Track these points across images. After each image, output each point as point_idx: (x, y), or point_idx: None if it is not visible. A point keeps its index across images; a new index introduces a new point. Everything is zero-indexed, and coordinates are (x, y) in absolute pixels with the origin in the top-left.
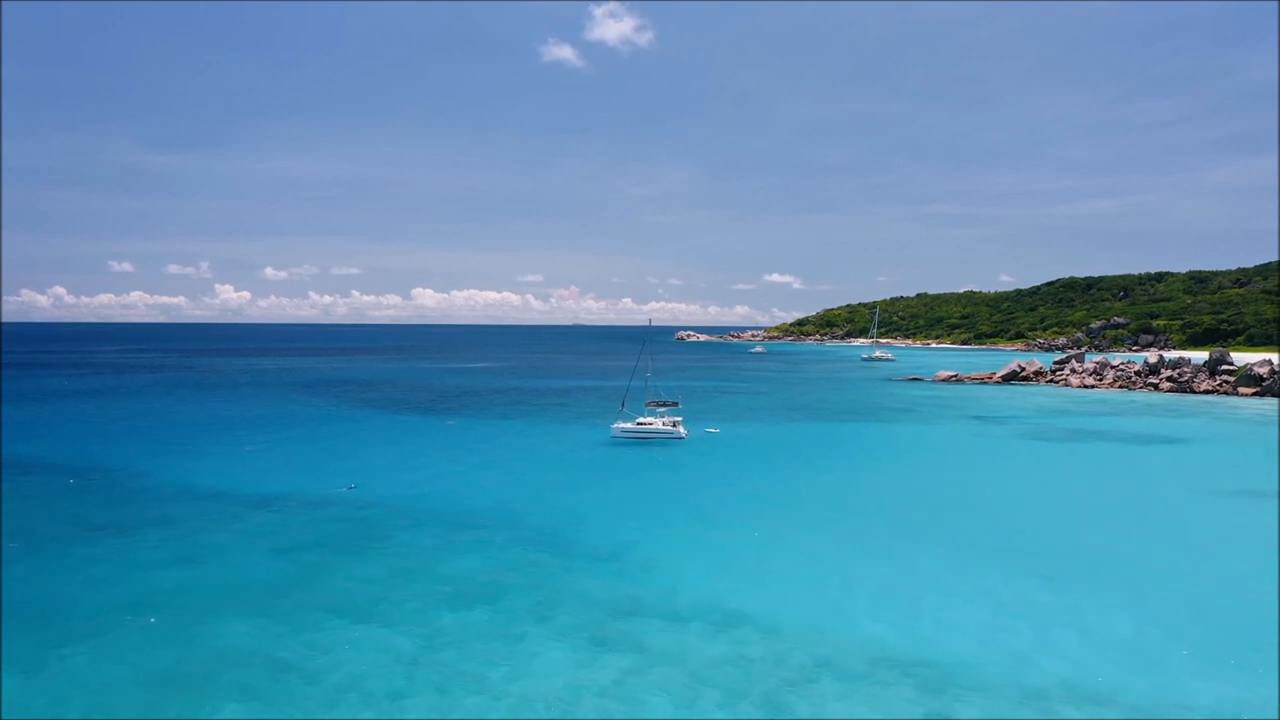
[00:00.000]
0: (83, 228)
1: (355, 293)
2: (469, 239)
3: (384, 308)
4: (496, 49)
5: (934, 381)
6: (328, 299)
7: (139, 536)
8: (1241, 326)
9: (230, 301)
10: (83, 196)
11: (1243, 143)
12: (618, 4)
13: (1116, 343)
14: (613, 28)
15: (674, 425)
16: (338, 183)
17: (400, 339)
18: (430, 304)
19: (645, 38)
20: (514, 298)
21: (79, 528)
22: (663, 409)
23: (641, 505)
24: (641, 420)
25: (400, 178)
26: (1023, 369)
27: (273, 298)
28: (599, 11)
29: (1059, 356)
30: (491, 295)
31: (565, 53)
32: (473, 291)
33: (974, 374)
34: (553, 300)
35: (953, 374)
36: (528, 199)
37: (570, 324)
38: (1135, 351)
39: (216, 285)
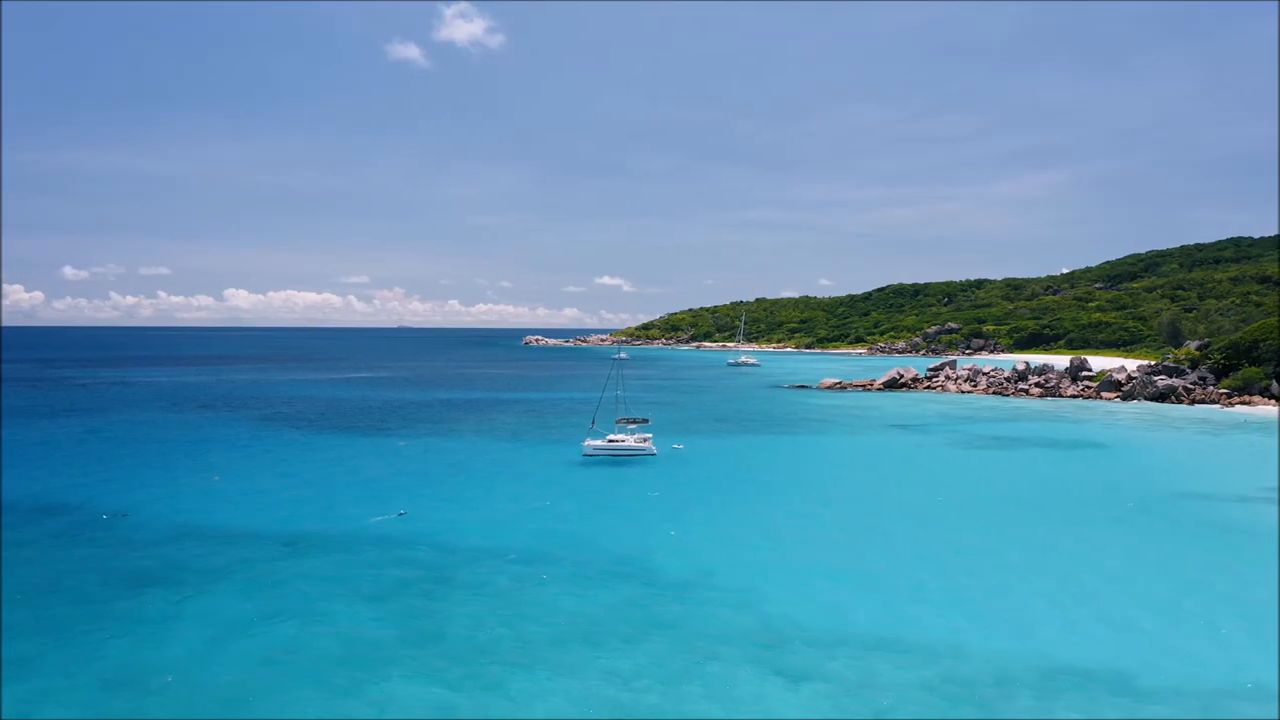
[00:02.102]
0: None
1: (163, 293)
2: (289, 237)
3: (194, 309)
4: (338, 46)
5: (822, 389)
6: (131, 300)
7: (197, 589)
8: (1061, 331)
9: (20, 303)
10: None
11: (1027, 158)
12: (469, 4)
13: (951, 346)
14: (462, 28)
15: (644, 442)
16: (146, 177)
17: (240, 346)
18: (245, 305)
19: (496, 40)
20: (335, 299)
21: (117, 581)
22: (633, 426)
23: (691, 526)
24: (612, 437)
25: (218, 174)
26: (901, 376)
27: (69, 299)
28: (449, 12)
29: (932, 363)
30: (311, 296)
31: (411, 52)
32: (291, 292)
33: (856, 381)
34: (376, 302)
35: (836, 381)
36: (351, 198)
37: (395, 326)
38: (968, 355)
39: (5, 285)
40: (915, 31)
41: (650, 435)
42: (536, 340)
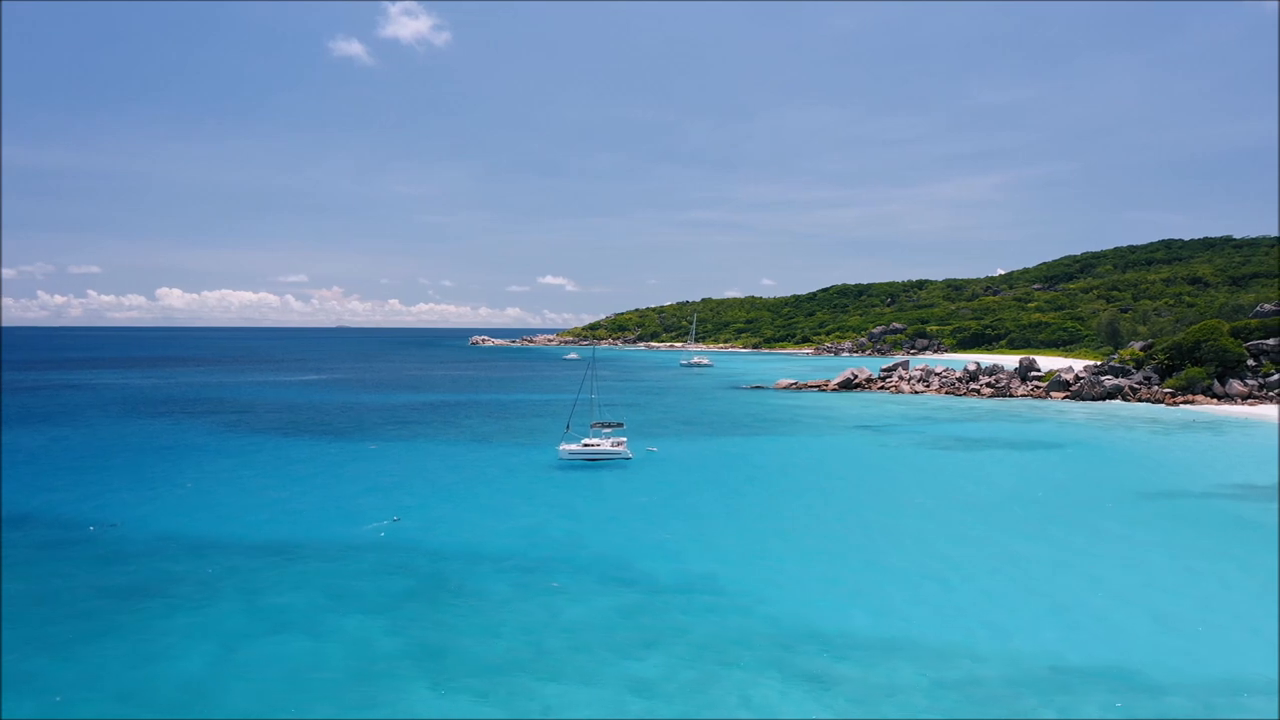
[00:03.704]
0: None
1: (93, 293)
2: (225, 235)
3: (125, 309)
4: (280, 43)
5: (778, 389)
6: (59, 299)
7: (197, 601)
8: (1002, 331)
9: None
10: None
11: (966, 161)
12: (414, 2)
13: (896, 346)
14: (408, 26)
15: (619, 445)
16: (78, 174)
17: (179, 347)
18: (179, 305)
19: (442, 38)
20: (272, 299)
21: (112, 594)
22: (608, 430)
23: (684, 529)
24: (588, 441)
25: (152, 171)
26: (855, 376)
27: None
28: (394, 9)
29: (882, 363)
30: (247, 296)
31: (354, 49)
32: (226, 291)
33: (811, 381)
34: (314, 301)
35: (792, 382)
36: (291, 196)
37: (334, 326)
38: (913, 354)
39: None
40: (861, 34)
41: (625, 439)
42: (483, 340)
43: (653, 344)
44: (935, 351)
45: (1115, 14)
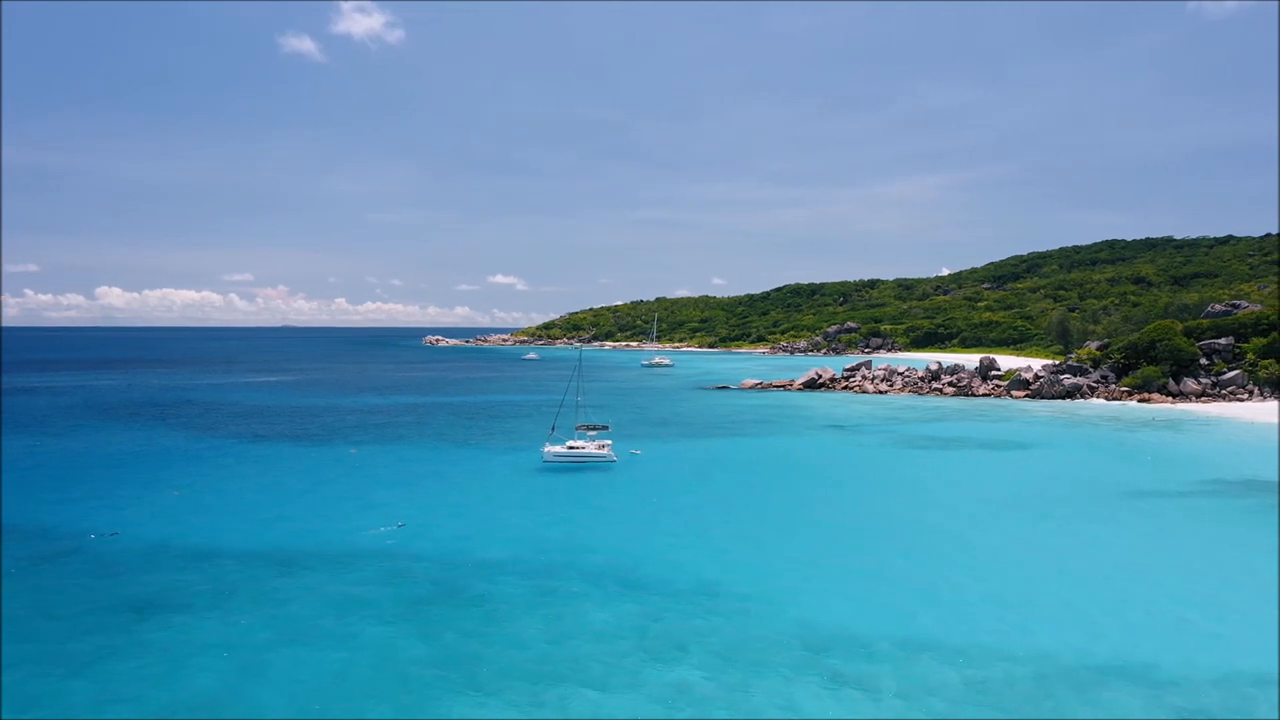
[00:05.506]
0: None
1: (29, 292)
2: (167, 233)
3: (64, 309)
4: (229, 37)
5: (744, 389)
6: None
7: (208, 614)
8: (954, 330)
9: None
10: None
11: (914, 161)
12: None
13: (851, 345)
14: (360, 23)
15: (603, 448)
16: (15, 170)
17: (126, 348)
18: (119, 304)
19: (395, 35)
20: (216, 297)
21: (121, 608)
22: (593, 432)
23: (685, 531)
24: (573, 444)
25: (93, 166)
26: (820, 376)
27: None
28: (347, 5)
29: (845, 362)
30: (190, 295)
31: (305, 46)
32: (168, 290)
33: (775, 381)
34: (259, 300)
35: (757, 381)
36: (236, 193)
37: (279, 325)
38: (868, 353)
39: None
40: (809, 35)
41: (609, 442)
42: (438, 340)
43: (612, 344)
44: (889, 350)
45: (1057, 17)
